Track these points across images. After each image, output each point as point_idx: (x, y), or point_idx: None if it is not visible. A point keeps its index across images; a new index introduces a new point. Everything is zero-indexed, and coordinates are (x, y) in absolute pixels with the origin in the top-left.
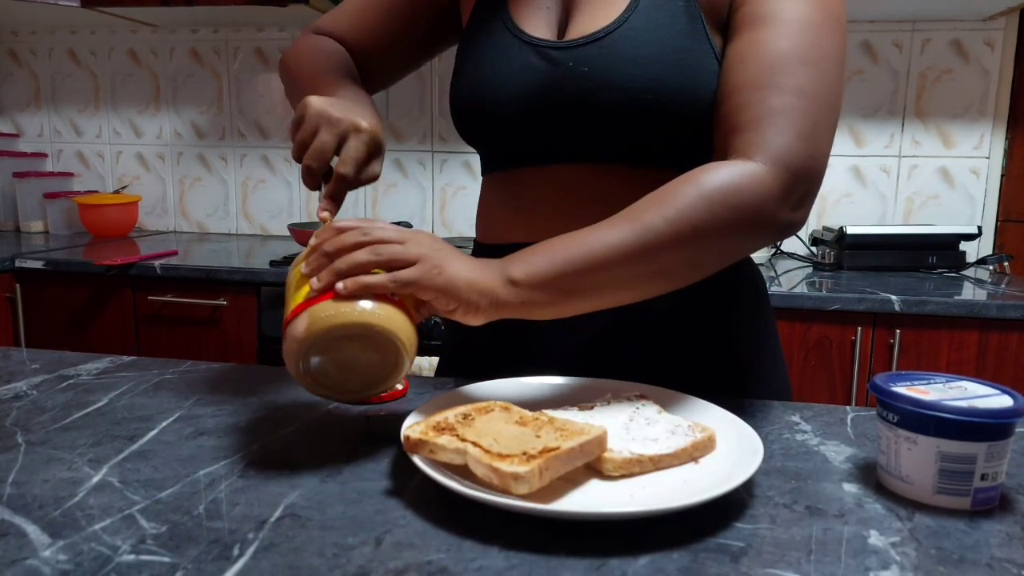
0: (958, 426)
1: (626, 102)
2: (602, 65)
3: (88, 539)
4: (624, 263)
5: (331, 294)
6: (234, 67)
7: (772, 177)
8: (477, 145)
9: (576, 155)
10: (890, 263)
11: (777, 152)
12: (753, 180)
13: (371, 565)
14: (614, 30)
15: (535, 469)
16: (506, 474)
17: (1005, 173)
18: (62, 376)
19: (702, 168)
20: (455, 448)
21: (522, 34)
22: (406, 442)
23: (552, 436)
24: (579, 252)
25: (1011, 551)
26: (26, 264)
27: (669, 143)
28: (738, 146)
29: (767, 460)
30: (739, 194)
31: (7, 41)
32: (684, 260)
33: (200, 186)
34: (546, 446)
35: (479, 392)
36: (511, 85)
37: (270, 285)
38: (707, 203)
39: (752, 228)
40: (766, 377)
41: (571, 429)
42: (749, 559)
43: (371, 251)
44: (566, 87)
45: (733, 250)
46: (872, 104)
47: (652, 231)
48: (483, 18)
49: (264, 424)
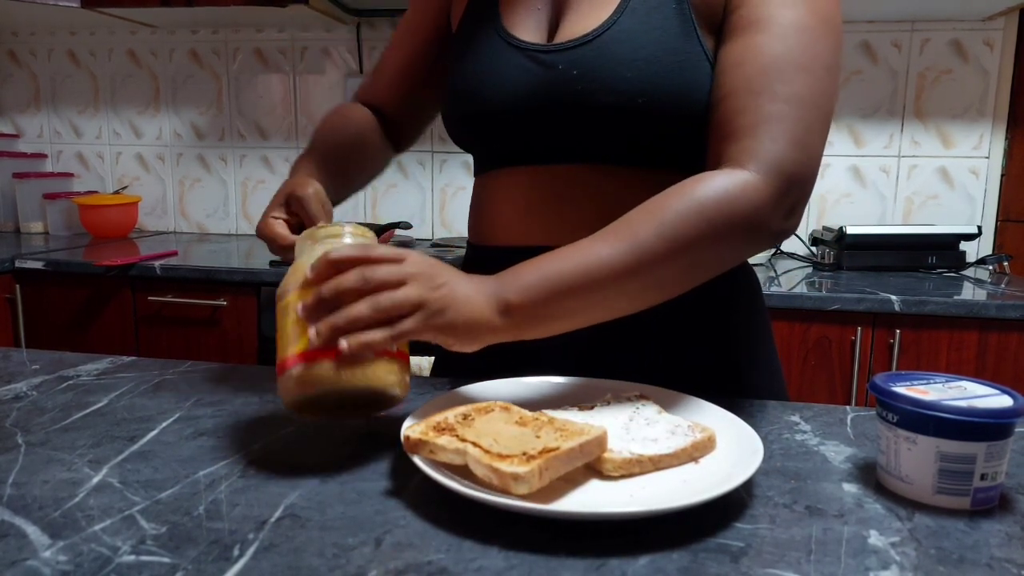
0: (958, 426)
1: (619, 104)
2: (593, 67)
3: (88, 540)
4: (619, 280)
5: (332, 353)
6: (234, 68)
7: (766, 185)
8: (470, 148)
9: (571, 156)
10: (890, 263)
11: (771, 160)
12: (747, 189)
13: (371, 565)
14: (603, 32)
15: (535, 469)
16: (506, 474)
17: (1005, 173)
18: (62, 377)
19: (696, 179)
20: (455, 448)
21: (511, 38)
22: (406, 442)
23: (552, 436)
24: (573, 272)
25: (1011, 551)
26: (26, 265)
27: (664, 144)
28: (732, 154)
29: (767, 460)
30: (733, 204)
31: (7, 42)
32: (679, 272)
33: (200, 187)
34: (546, 446)
35: (478, 392)
36: (503, 89)
37: (270, 285)
38: (702, 215)
39: (747, 237)
40: (762, 380)
41: (571, 429)
42: (749, 559)
43: (372, 305)
44: (558, 90)
45: (727, 259)
46: (871, 104)
47: (647, 247)
48: (473, 23)
49: (264, 424)
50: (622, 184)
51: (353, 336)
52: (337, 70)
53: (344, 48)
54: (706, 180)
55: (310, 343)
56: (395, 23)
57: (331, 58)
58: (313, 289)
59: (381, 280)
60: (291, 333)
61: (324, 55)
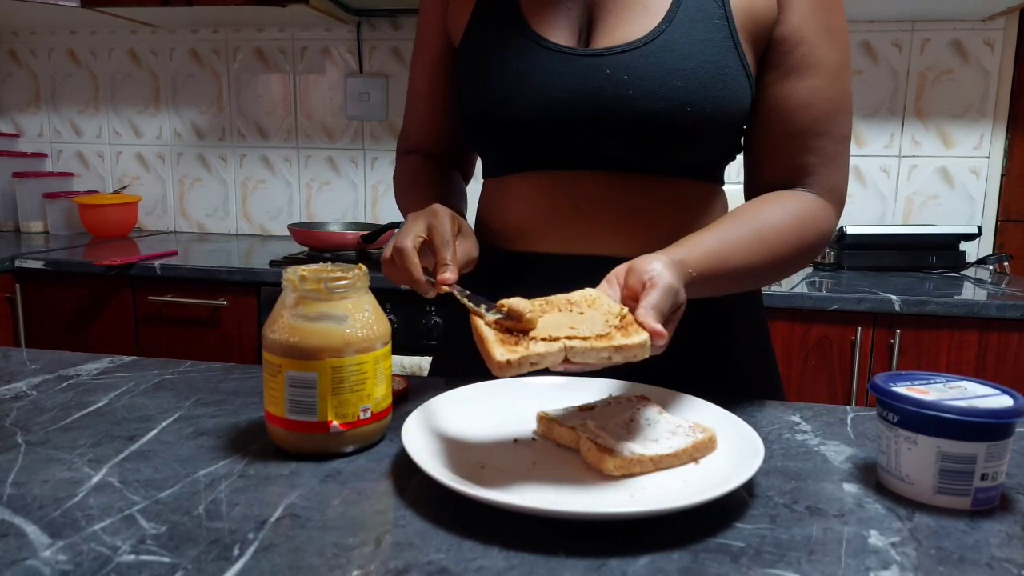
0: (958, 426)
1: (667, 111)
2: (644, 74)
3: (88, 539)
4: (750, 280)
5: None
6: (234, 67)
7: (834, 210)
8: (490, 152)
9: (598, 163)
10: (890, 263)
11: (836, 192)
12: (825, 212)
13: (371, 565)
14: (653, 39)
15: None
16: (634, 345)
17: (1005, 173)
18: (62, 376)
19: (797, 197)
20: (557, 349)
21: (543, 40)
22: (504, 368)
23: (596, 316)
24: (725, 267)
25: (1011, 551)
26: (26, 264)
27: (693, 154)
28: (809, 183)
29: (767, 460)
30: (819, 225)
31: (7, 41)
32: (778, 275)
33: (200, 186)
34: (622, 316)
35: (478, 392)
36: (541, 93)
37: (270, 285)
38: (803, 229)
39: (820, 249)
40: (761, 384)
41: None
42: (749, 559)
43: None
44: (605, 95)
45: (803, 267)
46: (872, 104)
47: (780, 260)
48: (491, 26)
49: (264, 424)
50: (642, 193)
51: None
52: (337, 70)
53: (344, 48)
54: (805, 200)
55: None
56: (395, 23)
57: (331, 58)
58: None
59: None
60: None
61: (324, 55)
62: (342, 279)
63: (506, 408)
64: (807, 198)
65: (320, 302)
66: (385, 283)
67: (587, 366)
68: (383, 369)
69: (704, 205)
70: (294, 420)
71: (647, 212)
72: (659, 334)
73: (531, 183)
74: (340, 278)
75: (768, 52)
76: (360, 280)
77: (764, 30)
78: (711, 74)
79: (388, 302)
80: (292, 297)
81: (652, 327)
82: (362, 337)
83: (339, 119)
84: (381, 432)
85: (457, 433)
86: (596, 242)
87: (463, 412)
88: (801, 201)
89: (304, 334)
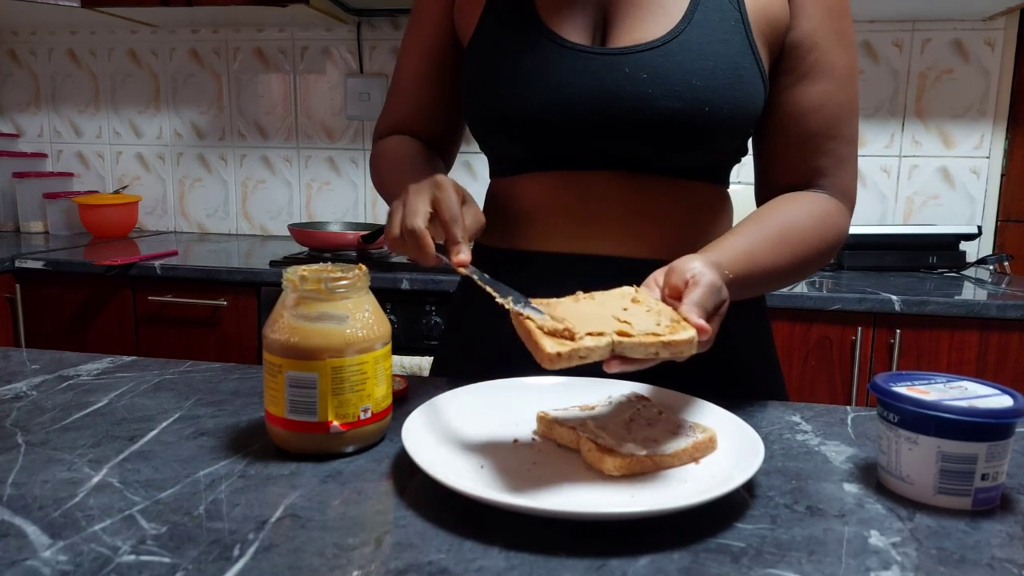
0: (959, 426)
1: (685, 110)
2: (664, 72)
3: (88, 540)
4: (777, 281)
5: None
6: (234, 67)
7: (847, 211)
8: (499, 150)
9: (609, 162)
10: (890, 263)
11: (848, 193)
12: (841, 212)
13: (371, 565)
14: (672, 39)
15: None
16: (682, 341)
17: (1005, 173)
18: (62, 376)
19: (814, 199)
20: (605, 344)
21: (559, 38)
22: (554, 360)
23: (641, 313)
24: (755, 269)
25: (1012, 551)
26: (26, 264)
27: (705, 155)
28: (823, 185)
29: (767, 460)
30: (836, 225)
31: (7, 41)
32: (800, 275)
33: (200, 186)
34: (669, 317)
35: (478, 392)
36: (558, 91)
37: (270, 285)
38: (823, 230)
39: (837, 250)
40: (764, 385)
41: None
42: (749, 559)
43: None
44: (624, 93)
45: (821, 267)
46: (872, 104)
47: (803, 261)
48: (504, 22)
49: (264, 424)
50: (652, 194)
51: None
52: (337, 70)
53: (344, 48)
54: (824, 203)
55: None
56: (395, 23)
57: (331, 58)
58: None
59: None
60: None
61: (324, 55)
62: (342, 279)
63: (506, 408)
64: (824, 199)
65: (320, 302)
66: (385, 283)
67: (634, 363)
68: (383, 369)
69: (712, 206)
70: (294, 420)
71: (656, 212)
72: (704, 329)
73: (540, 182)
74: (340, 278)
75: (781, 57)
76: (360, 280)
77: (778, 34)
78: (729, 75)
79: (388, 302)
80: (292, 297)
81: (697, 322)
82: (362, 337)
83: (339, 119)
84: (381, 432)
85: (457, 433)
86: (604, 242)
87: (463, 412)
88: (819, 203)
89: (304, 334)
